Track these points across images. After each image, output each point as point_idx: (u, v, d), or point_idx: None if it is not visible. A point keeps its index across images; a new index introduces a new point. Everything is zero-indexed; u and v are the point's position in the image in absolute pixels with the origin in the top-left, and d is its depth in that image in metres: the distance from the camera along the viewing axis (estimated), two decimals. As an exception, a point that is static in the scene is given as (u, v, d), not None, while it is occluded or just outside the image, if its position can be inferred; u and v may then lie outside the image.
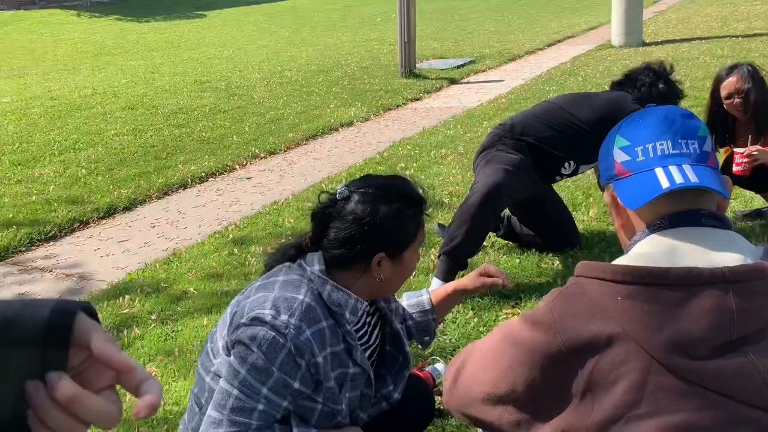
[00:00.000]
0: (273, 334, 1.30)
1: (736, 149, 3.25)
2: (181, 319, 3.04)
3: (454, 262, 2.88)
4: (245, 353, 1.32)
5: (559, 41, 13.65)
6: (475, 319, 2.72)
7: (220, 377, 1.37)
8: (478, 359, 1.15)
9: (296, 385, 1.32)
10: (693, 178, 1.00)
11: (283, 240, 3.89)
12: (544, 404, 1.03)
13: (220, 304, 3.11)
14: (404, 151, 5.80)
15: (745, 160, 3.13)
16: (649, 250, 1.03)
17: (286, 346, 1.30)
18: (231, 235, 4.10)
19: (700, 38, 11.26)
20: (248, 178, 5.63)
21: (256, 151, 6.32)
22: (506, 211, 3.37)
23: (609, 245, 3.31)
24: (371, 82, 9.93)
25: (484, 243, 3.20)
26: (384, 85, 9.63)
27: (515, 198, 3.11)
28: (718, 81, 3.32)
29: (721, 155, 3.44)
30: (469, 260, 2.93)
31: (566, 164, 3.15)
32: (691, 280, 0.95)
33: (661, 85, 3.13)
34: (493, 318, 2.71)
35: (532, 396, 1.04)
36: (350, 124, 7.54)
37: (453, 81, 9.84)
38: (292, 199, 4.75)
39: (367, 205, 1.41)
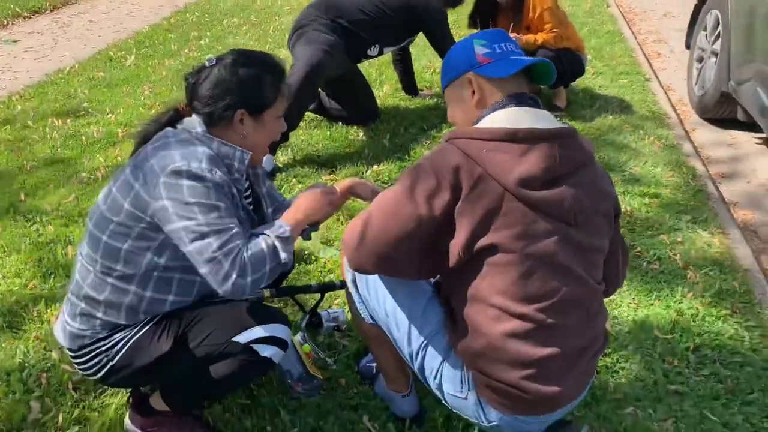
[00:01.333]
0: (191, 181, 1.48)
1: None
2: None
3: (279, 137, 3.11)
4: (182, 193, 1.47)
5: None
6: (299, 185, 3.03)
7: (121, 234, 1.53)
8: (380, 215, 1.43)
9: (225, 214, 1.51)
10: (531, 59, 1.47)
11: (82, 110, 3.74)
12: (437, 233, 1.39)
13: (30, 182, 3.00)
14: (193, 18, 5.63)
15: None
16: (500, 118, 1.43)
17: (206, 186, 1.50)
18: (18, 106, 3.81)
19: None
20: (14, 41, 5.07)
21: (18, 9, 5.63)
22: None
23: (403, 119, 3.77)
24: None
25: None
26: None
27: (329, 76, 3.38)
28: None
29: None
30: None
31: (373, 47, 3.48)
32: (531, 137, 1.37)
33: None
34: (314, 181, 3.04)
35: (428, 228, 1.38)
36: (122, -17, 6.95)
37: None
38: (78, 68, 4.46)
39: (231, 67, 1.62)
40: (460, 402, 1.54)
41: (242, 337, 1.59)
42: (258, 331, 1.59)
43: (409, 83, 4.08)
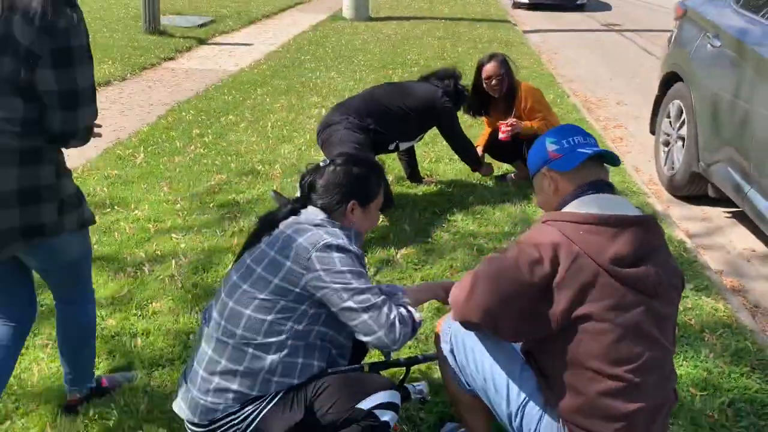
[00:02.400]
0: (341, 253, 1.78)
1: (500, 122, 4.25)
2: None
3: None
4: (334, 263, 1.76)
5: (291, 7, 14.24)
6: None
7: (266, 307, 1.76)
8: (489, 278, 1.65)
9: (368, 278, 1.84)
10: (597, 148, 1.76)
11: (107, 207, 3.88)
12: (534, 302, 1.62)
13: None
14: (189, 117, 5.88)
15: (509, 128, 4.13)
16: (583, 204, 1.71)
17: (352, 256, 1.80)
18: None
19: (416, 17, 12.82)
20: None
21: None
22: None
23: (415, 204, 4.06)
24: (114, 37, 9.39)
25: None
26: (129, 41, 9.20)
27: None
28: (480, 65, 4.28)
29: (482, 126, 4.47)
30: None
31: (393, 143, 3.96)
32: (621, 222, 1.65)
33: (455, 85, 4.09)
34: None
35: (528, 296, 1.61)
36: (107, 83, 7.19)
37: (201, 41, 9.80)
38: (90, 167, 4.61)
39: (345, 166, 1.99)
40: (558, 456, 1.74)
41: (365, 404, 1.77)
42: (379, 397, 1.79)
43: (413, 172, 4.44)
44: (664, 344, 1.68)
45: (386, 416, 1.79)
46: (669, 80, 4.85)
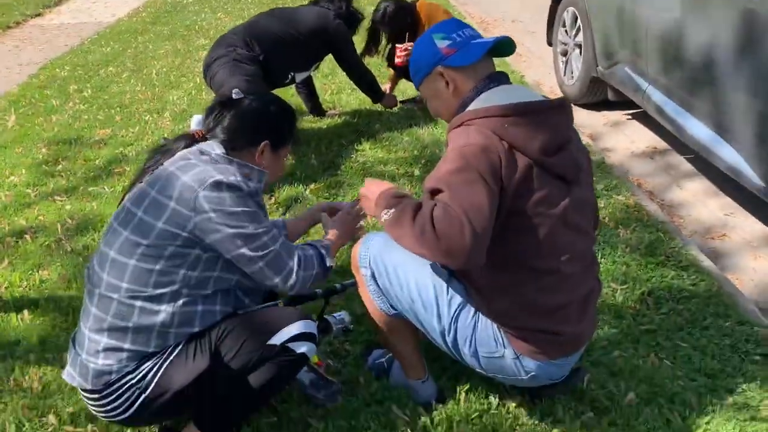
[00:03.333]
0: (232, 192, 1.58)
1: (397, 44, 4.06)
2: None
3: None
4: (225, 205, 1.56)
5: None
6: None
7: (152, 255, 1.55)
8: (454, 194, 1.42)
9: (265, 219, 1.65)
10: (495, 38, 1.61)
11: None
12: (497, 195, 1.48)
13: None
14: (65, 73, 5.37)
15: (404, 53, 3.96)
16: (489, 97, 1.58)
17: (245, 195, 1.60)
18: None
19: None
20: None
21: None
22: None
23: (321, 138, 3.87)
24: (-32, -4, 8.44)
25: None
26: (-13, -2, 8.31)
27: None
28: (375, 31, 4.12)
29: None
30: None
31: (288, 74, 3.67)
32: (539, 109, 1.53)
33: (347, 6, 3.82)
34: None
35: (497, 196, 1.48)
36: (-34, 46, 6.47)
37: (71, -7, 8.98)
38: (-47, 136, 4.13)
39: (261, 103, 1.77)
40: (497, 362, 1.67)
41: (277, 339, 1.64)
42: (291, 330, 1.65)
43: (315, 106, 4.21)
44: (588, 231, 1.62)
45: (303, 347, 1.66)
46: (562, -11, 4.81)
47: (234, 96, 1.77)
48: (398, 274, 1.72)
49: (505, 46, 1.67)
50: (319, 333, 1.95)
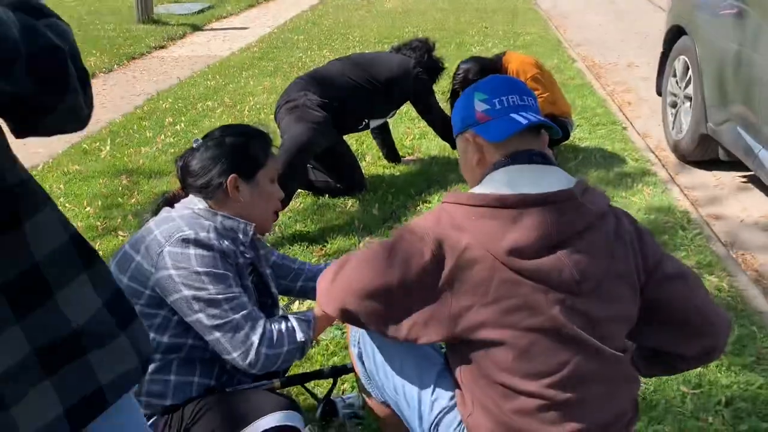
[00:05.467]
0: (200, 250, 1.46)
1: None
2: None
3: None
4: (189, 263, 1.45)
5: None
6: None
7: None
8: (356, 263, 1.37)
9: (234, 283, 1.51)
10: (533, 118, 1.36)
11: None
12: (410, 298, 1.30)
13: None
14: (166, 105, 5.60)
15: None
16: (496, 180, 1.35)
17: (215, 255, 1.48)
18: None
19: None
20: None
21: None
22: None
23: (390, 186, 3.72)
24: (105, 29, 9.15)
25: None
26: (121, 31, 8.95)
27: (318, 152, 3.37)
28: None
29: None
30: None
31: (362, 122, 3.60)
32: (522, 203, 1.28)
33: (428, 56, 3.71)
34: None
35: (403, 291, 1.30)
36: (93, 75, 6.95)
37: (196, 28, 9.52)
38: (52, 163, 4.36)
39: (218, 139, 1.65)
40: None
41: (250, 431, 1.45)
42: (267, 422, 1.46)
43: (390, 152, 4.07)
44: (605, 350, 1.30)
45: None
46: (674, 35, 4.41)
47: (194, 145, 1.66)
48: (384, 357, 1.50)
49: (546, 129, 1.44)
50: (324, 416, 1.78)
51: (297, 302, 2.57)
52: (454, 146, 4.04)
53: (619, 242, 1.36)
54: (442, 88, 4.00)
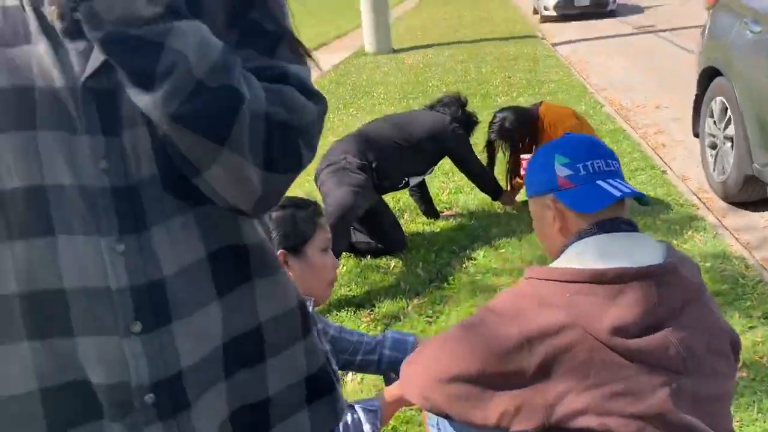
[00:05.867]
0: None
1: (522, 156, 3.85)
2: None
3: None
4: None
5: (315, 49, 14.15)
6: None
7: None
8: (439, 348, 1.30)
9: None
10: (626, 189, 1.28)
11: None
12: (498, 384, 1.21)
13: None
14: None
15: None
16: (582, 251, 1.28)
17: None
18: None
19: (440, 44, 12.53)
20: None
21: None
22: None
23: (431, 244, 3.66)
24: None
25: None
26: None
27: (360, 214, 3.34)
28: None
29: (502, 161, 4.05)
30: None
31: (402, 180, 3.61)
32: (622, 278, 1.21)
33: (462, 110, 3.77)
34: (357, 327, 2.87)
35: (488, 377, 1.22)
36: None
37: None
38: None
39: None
40: None
41: None
42: None
43: (428, 208, 4.05)
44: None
45: None
46: (708, 76, 4.36)
47: None
48: None
49: (635, 200, 1.37)
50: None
51: (350, 373, 2.49)
52: (494, 198, 4.03)
53: (711, 315, 1.28)
54: (474, 140, 3.97)
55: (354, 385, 2.47)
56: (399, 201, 4.30)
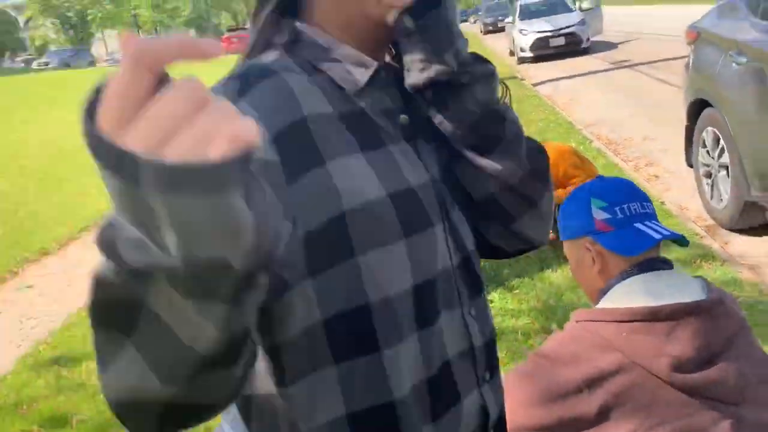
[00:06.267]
0: None
1: None
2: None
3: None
4: None
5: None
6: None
7: None
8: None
9: None
10: (666, 232, 1.33)
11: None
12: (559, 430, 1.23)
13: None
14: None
15: None
16: (629, 290, 1.31)
17: None
18: (47, 354, 3.65)
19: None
20: (28, 287, 5.02)
21: (26, 254, 5.64)
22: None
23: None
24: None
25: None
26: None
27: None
28: None
29: None
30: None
31: None
32: (676, 314, 1.24)
33: None
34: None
35: (551, 427, 1.23)
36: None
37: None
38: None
39: None
40: None
41: None
42: None
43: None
44: None
45: None
46: (697, 108, 4.50)
47: None
48: None
49: (674, 242, 1.41)
50: None
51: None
52: None
53: (756, 344, 1.32)
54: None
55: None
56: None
